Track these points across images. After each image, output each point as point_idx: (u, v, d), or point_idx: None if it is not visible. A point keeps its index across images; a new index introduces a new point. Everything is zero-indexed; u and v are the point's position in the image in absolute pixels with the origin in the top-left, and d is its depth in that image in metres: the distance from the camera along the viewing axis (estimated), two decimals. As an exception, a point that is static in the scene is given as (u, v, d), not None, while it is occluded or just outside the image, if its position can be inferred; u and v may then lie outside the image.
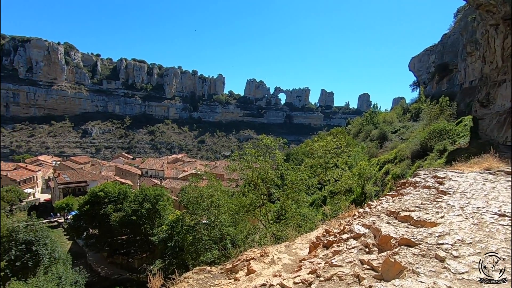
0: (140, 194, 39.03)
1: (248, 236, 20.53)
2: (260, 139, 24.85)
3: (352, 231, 4.83)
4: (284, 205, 21.38)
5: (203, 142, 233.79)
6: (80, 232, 41.91)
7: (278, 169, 23.66)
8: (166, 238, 29.44)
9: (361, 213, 6.03)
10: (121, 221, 36.87)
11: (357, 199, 22.14)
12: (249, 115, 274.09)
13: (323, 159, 35.17)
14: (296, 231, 10.90)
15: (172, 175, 75.40)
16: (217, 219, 21.16)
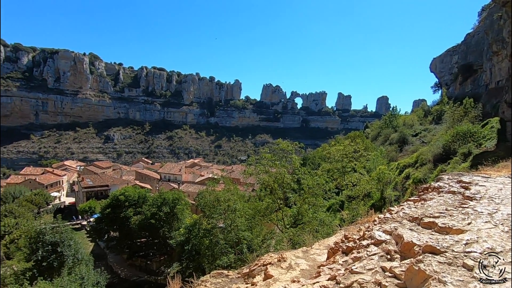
0: (159, 198, 39.88)
1: (264, 241, 20.44)
2: (277, 143, 24.81)
3: (373, 237, 4.69)
4: (301, 209, 21.13)
5: (219, 146, 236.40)
6: (101, 234, 43.28)
7: (295, 173, 23.49)
8: (183, 241, 29.81)
9: (381, 219, 5.85)
10: (140, 224, 37.74)
11: (376, 204, 21.52)
12: (265, 119, 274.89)
13: (341, 163, 34.56)
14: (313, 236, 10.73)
15: (189, 180, 76.46)
16: (233, 223, 21.21)
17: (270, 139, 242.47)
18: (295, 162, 23.30)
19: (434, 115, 46.77)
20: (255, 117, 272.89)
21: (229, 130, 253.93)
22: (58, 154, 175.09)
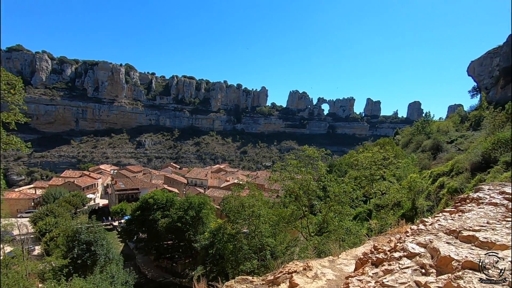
0: (185, 202, 40.86)
1: (288, 248, 20.08)
2: (303, 150, 24.47)
3: (405, 250, 4.44)
4: (326, 217, 20.54)
5: (245, 152, 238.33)
6: (131, 235, 45.07)
7: (321, 180, 22.96)
8: (207, 245, 30.18)
9: (414, 230, 5.53)
10: (168, 227, 38.82)
11: (406, 214, 20.32)
12: (291, 126, 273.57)
13: (369, 170, 33.26)
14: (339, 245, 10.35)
15: (215, 184, 77.62)
16: (257, 229, 21.12)
17: (295, 145, 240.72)
18: (321, 169, 22.81)
19: (472, 121, 43.91)
20: (280, 124, 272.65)
21: (254, 136, 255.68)
22: (94, 158, 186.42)
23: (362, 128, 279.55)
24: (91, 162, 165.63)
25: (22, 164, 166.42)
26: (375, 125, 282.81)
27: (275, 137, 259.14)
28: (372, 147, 41.23)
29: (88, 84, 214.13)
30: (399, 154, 42.39)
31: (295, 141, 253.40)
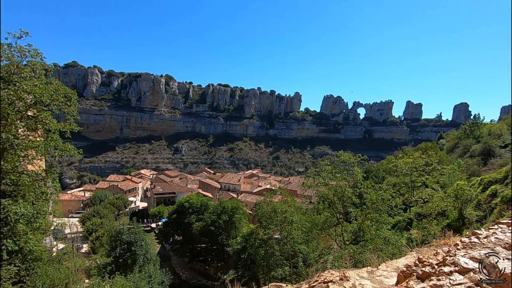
0: (219, 206, 41.45)
1: (321, 256, 19.18)
2: (338, 155, 23.44)
3: (457, 264, 3.97)
4: (362, 226, 19.30)
5: (277, 158, 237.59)
6: (167, 237, 46.77)
7: (356, 187, 21.79)
8: (239, 249, 30.12)
9: (466, 243, 4.91)
10: (201, 230, 39.63)
11: (452, 225, 18.34)
12: (325, 131, 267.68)
13: (409, 177, 30.94)
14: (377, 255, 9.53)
15: (247, 190, 77.99)
16: (289, 235, 20.55)
17: (329, 150, 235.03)
18: (357, 175, 21.63)
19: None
20: (314, 129, 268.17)
21: (287, 141, 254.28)
22: (136, 163, 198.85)
23: (401, 132, 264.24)
24: (133, 167, 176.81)
25: (74, 169, 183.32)
26: (416, 129, 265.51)
27: (308, 142, 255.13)
28: (413, 152, 38.54)
29: (132, 94, 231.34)
30: (444, 159, 39.13)
31: (328, 146, 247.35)
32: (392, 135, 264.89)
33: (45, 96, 13.31)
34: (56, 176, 18.45)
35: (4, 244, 12.51)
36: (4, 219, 12.70)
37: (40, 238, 16.34)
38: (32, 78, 13.61)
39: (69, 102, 15.04)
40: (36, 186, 15.07)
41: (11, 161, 13.43)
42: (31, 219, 13.90)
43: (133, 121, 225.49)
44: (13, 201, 13.21)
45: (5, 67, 13.18)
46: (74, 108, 15.47)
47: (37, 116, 13.77)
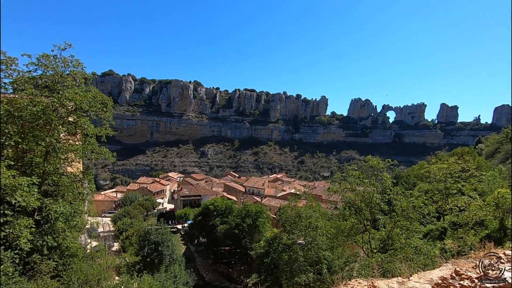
0: (243, 210, 41.69)
1: (347, 263, 18.54)
2: (366, 160, 22.68)
3: (502, 279, 3.68)
4: (391, 233, 18.42)
5: (302, 162, 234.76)
6: (192, 239, 47.77)
7: (385, 193, 20.89)
8: (263, 254, 30.03)
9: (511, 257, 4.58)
10: (226, 233, 40.04)
11: (492, 236, 16.96)
12: (352, 135, 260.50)
13: (443, 183, 29.10)
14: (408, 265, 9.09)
15: (271, 194, 77.66)
16: (314, 241, 20.17)
17: (356, 155, 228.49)
18: (386, 180, 20.74)
19: None
20: (340, 133, 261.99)
21: (312, 146, 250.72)
22: (164, 166, 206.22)
23: (435, 136, 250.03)
24: (161, 170, 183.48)
25: (107, 171, 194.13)
26: (451, 133, 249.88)
27: (334, 146, 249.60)
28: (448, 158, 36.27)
29: (162, 100, 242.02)
30: (482, 165, 36.39)
31: (356, 151, 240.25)
32: (424, 139, 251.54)
33: (84, 103, 14.40)
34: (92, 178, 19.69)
35: (45, 240, 13.48)
36: (46, 217, 13.77)
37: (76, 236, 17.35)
38: (73, 86, 14.77)
39: (105, 108, 16.11)
40: (74, 186, 16.20)
41: (53, 163, 14.60)
42: (69, 217, 14.93)
43: (163, 126, 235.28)
44: (53, 200, 14.29)
45: (50, 77, 14.46)
46: (110, 114, 16.53)
47: (76, 121, 14.89)
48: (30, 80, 14.02)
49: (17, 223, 11.53)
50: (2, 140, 12.15)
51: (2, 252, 11.00)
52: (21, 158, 13.98)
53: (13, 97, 13.24)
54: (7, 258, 11.19)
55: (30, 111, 12.95)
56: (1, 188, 10.95)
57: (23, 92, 13.49)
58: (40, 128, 13.71)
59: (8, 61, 12.94)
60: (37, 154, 14.23)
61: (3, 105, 12.65)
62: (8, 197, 11.17)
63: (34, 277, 13.36)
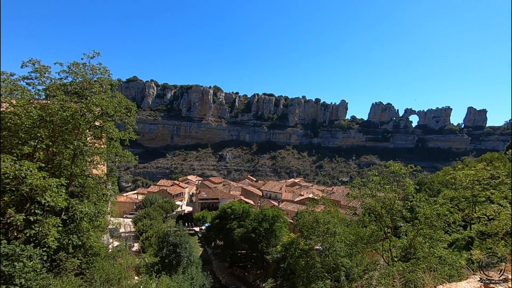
0: (260, 214, 41.63)
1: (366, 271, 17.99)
2: (387, 165, 22.01)
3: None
4: (414, 242, 17.71)
5: (321, 167, 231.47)
6: (209, 241, 48.21)
7: (408, 199, 20.16)
8: (279, 258, 29.78)
9: None
10: (242, 236, 40.09)
11: (525, 247, 15.87)
12: (373, 139, 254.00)
13: (470, 191, 27.57)
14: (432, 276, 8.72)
15: (289, 198, 77.02)
16: (332, 247, 19.78)
17: (377, 160, 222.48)
18: (409, 187, 19.98)
19: None
20: (360, 137, 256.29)
21: (331, 150, 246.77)
22: (183, 169, 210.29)
23: (461, 141, 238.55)
24: (180, 173, 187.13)
25: (129, 173, 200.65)
26: (479, 138, 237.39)
27: (354, 151, 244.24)
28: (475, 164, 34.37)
29: (182, 105, 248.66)
30: (514, 172, 34.02)
31: (376, 156, 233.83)
32: (449, 144, 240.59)
33: (110, 108, 15.13)
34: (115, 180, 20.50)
35: (71, 239, 14.12)
36: (72, 217, 14.47)
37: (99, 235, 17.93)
38: (100, 92, 15.56)
39: (129, 113, 16.83)
40: (98, 188, 16.95)
41: (80, 165, 15.38)
42: (93, 217, 15.58)
43: (183, 130, 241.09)
44: (79, 201, 14.99)
45: (79, 84, 15.34)
46: (133, 119, 17.24)
47: (102, 126, 15.64)
48: (61, 87, 14.92)
49: (46, 222, 12.05)
50: (35, 143, 12.96)
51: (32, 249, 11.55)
52: (51, 161, 14.83)
53: (45, 103, 14.12)
54: (36, 255, 11.67)
55: (61, 116, 13.76)
56: (33, 189, 11.60)
57: (55, 98, 14.37)
58: (69, 132, 14.51)
59: (42, 69, 13.87)
60: (66, 156, 15.05)
61: (37, 110, 13.53)
62: (38, 197, 11.77)
63: (60, 274, 13.93)
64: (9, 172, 11.00)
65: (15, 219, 11.17)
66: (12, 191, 11.74)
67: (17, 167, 11.25)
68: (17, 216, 11.21)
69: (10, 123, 12.94)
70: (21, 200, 12.18)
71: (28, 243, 11.83)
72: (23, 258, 11.24)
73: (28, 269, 11.21)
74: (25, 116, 13.12)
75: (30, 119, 13.20)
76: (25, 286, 11.13)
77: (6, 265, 10.73)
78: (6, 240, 11.33)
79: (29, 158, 13.24)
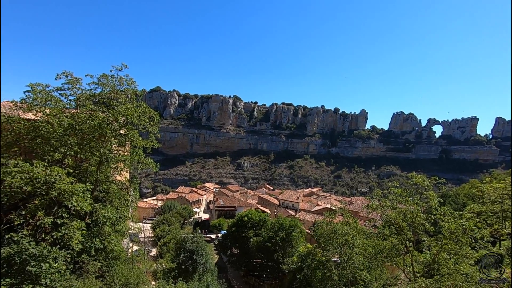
0: (277, 223, 41.24)
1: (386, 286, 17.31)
2: (409, 177, 21.31)
3: None
4: (437, 257, 16.92)
5: (339, 177, 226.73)
6: (225, 249, 48.12)
7: (431, 212, 19.36)
8: (295, 269, 29.26)
9: None
10: (258, 245, 39.77)
11: None
12: (393, 150, 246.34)
13: (499, 205, 26.09)
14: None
15: (306, 208, 75.77)
16: (350, 259, 19.28)
17: (397, 171, 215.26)
18: (432, 199, 19.22)
19: None
20: (381, 147, 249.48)
21: (350, 160, 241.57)
22: (202, 177, 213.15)
23: (489, 152, 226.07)
24: (199, 180, 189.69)
25: (150, 180, 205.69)
26: (508, 149, 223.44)
27: (374, 161, 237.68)
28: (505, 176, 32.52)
29: (202, 114, 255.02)
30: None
31: (397, 166, 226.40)
32: (476, 155, 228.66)
33: (135, 117, 15.93)
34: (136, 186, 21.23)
35: (93, 242, 14.68)
36: (95, 221, 15.10)
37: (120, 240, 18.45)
38: (126, 102, 16.41)
39: (152, 122, 17.59)
40: (121, 194, 17.63)
41: (104, 171, 16.15)
42: (114, 222, 16.15)
43: (202, 138, 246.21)
44: (102, 206, 15.64)
45: (107, 94, 16.29)
46: (156, 128, 17.98)
47: (127, 134, 16.42)
48: (90, 97, 15.91)
49: (71, 225, 12.60)
50: (64, 150, 13.79)
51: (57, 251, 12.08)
52: (78, 167, 15.68)
53: (75, 112, 15.07)
54: (61, 257, 12.14)
55: (89, 124, 14.62)
56: (61, 193, 12.27)
57: (84, 107, 15.32)
58: (96, 139, 15.35)
59: (74, 81, 14.89)
60: (92, 163, 15.86)
61: (68, 119, 14.45)
62: (65, 201, 12.43)
63: (82, 276, 14.38)
64: (41, 177, 11.72)
65: (44, 222, 11.79)
66: (42, 195, 12.36)
67: (48, 173, 11.98)
68: (45, 218, 11.81)
69: (44, 131, 13.87)
70: (49, 204, 12.79)
71: (54, 245, 12.31)
72: (49, 259, 11.69)
73: (53, 270, 11.66)
74: (57, 124, 14.03)
75: (62, 127, 14.11)
76: (50, 286, 11.55)
77: (33, 265, 11.25)
78: (35, 241, 11.83)
79: (59, 164, 14.06)
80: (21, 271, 11.27)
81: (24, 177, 11.51)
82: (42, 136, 14.03)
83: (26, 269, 11.16)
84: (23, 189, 11.59)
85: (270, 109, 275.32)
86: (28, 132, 14.03)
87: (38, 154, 13.92)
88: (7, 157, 13.38)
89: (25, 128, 14.03)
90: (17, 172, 11.47)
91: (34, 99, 14.10)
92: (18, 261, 11.16)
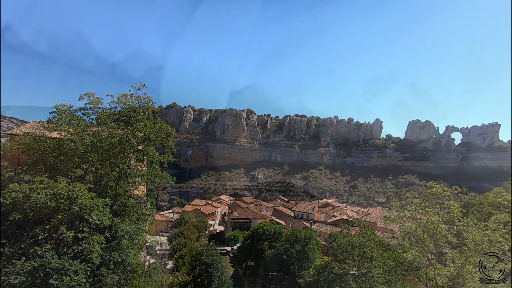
0: (292, 235, 40.69)
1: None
2: (428, 187, 20.75)
3: None
4: (462, 270, 16.21)
5: (355, 187, 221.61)
6: (241, 262, 47.63)
7: (453, 223, 18.69)
8: (312, 282, 28.58)
9: None
10: (274, 258, 39.23)
11: None
12: (410, 158, 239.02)
13: (527, 214, 24.78)
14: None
15: (321, 219, 74.28)
16: (368, 272, 18.76)
17: (415, 180, 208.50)
18: (454, 210, 18.57)
19: None
20: (397, 156, 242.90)
21: (365, 170, 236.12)
22: (216, 189, 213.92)
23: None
24: (213, 193, 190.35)
25: (166, 193, 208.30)
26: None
27: (390, 171, 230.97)
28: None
29: (217, 128, 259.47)
30: None
31: (415, 176, 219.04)
32: (499, 162, 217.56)
33: (152, 134, 16.63)
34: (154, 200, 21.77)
35: (112, 256, 15.04)
36: (114, 234, 15.53)
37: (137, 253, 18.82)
38: (144, 119, 17.19)
39: (168, 137, 18.26)
40: (139, 207, 18.13)
41: (123, 186, 16.74)
42: (132, 235, 16.55)
43: (217, 151, 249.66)
44: (121, 220, 16.10)
45: (126, 112, 17.11)
46: (172, 143, 18.65)
47: (145, 149, 17.07)
48: (110, 115, 16.75)
49: (92, 239, 13.02)
50: (86, 166, 14.47)
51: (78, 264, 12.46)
52: (99, 182, 16.34)
53: (97, 130, 15.87)
54: (81, 270, 12.52)
55: (109, 141, 15.33)
56: (82, 208, 12.77)
57: (105, 125, 16.12)
58: (115, 156, 16.03)
59: (95, 101, 15.78)
60: (111, 178, 16.50)
61: (89, 137, 15.23)
62: (86, 216, 12.92)
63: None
64: (64, 192, 12.31)
65: (66, 236, 12.26)
66: (65, 210, 12.89)
67: (71, 188, 12.57)
68: (67, 233, 12.29)
69: (67, 149, 14.66)
70: (71, 218, 13.33)
71: (75, 259, 12.71)
72: (71, 272, 12.02)
73: (74, 283, 11.97)
74: (79, 142, 14.82)
75: (84, 145, 14.87)
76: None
77: (55, 278, 11.60)
78: (57, 255, 12.29)
79: (81, 180, 14.73)
80: (44, 284, 11.64)
81: (48, 193, 12.10)
82: (65, 154, 14.80)
83: (49, 282, 11.51)
84: (48, 204, 12.14)
85: (283, 121, 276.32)
86: (53, 150, 14.84)
87: (61, 170, 14.65)
88: (34, 174, 14.14)
89: (50, 147, 14.85)
90: (42, 189, 12.08)
91: (59, 119, 15.00)
92: (41, 274, 11.54)
